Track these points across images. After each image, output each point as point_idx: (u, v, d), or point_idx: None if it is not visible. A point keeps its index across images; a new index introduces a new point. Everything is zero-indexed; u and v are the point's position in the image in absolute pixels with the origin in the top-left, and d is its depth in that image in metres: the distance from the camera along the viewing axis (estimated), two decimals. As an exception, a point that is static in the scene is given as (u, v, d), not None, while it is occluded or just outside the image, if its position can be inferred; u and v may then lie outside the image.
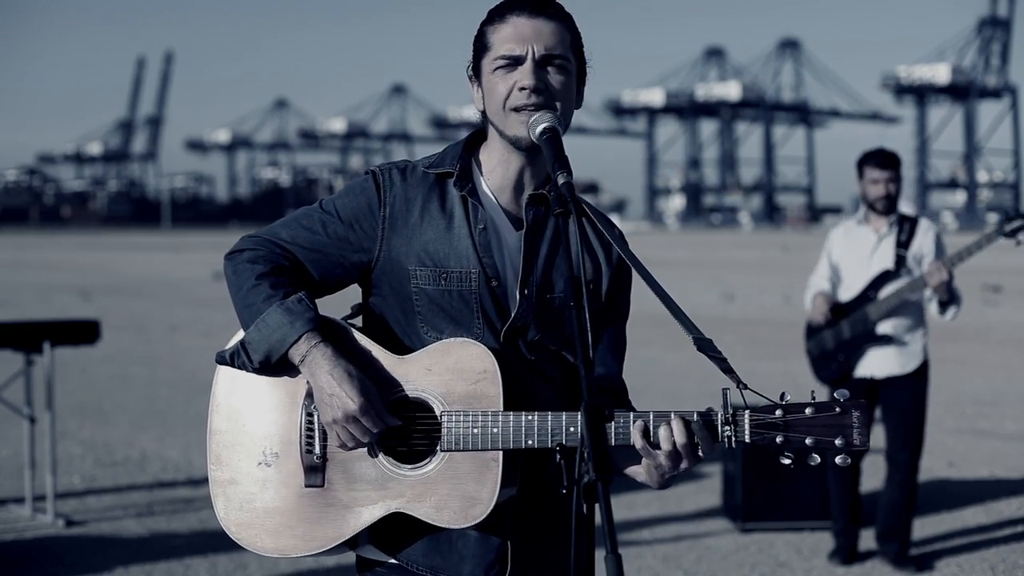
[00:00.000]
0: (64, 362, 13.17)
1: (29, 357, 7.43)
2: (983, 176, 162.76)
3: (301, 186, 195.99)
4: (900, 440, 6.57)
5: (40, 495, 7.66)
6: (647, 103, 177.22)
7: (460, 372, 2.45)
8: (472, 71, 2.58)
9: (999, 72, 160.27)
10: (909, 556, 6.62)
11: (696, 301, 24.22)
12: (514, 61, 2.50)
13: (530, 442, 2.40)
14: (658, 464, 2.39)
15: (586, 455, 2.11)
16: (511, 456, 2.45)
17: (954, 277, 6.28)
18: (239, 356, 2.50)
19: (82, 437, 10.13)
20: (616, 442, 2.38)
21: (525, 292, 2.53)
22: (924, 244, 6.63)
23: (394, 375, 2.48)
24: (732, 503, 7.34)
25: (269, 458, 2.52)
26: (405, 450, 2.48)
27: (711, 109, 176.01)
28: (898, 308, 6.50)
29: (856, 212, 6.91)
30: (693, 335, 2.40)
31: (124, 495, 8.08)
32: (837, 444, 2.35)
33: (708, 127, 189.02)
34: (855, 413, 2.36)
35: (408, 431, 2.47)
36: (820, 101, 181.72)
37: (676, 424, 2.36)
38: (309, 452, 2.50)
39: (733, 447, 2.39)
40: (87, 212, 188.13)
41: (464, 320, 2.52)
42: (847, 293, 6.71)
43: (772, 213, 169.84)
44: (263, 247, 2.56)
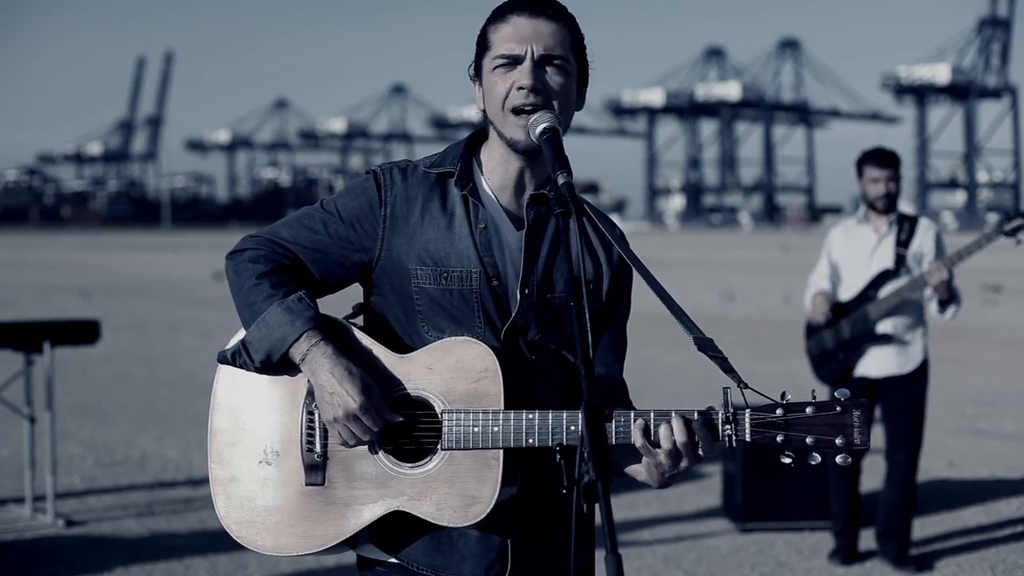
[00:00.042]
0: (64, 362, 13.17)
1: (29, 357, 7.43)
2: (983, 176, 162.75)
3: (301, 186, 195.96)
4: (900, 440, 6.57)
5: (40, 495, 7.66)
6: (647, 103, 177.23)
7: (461, 371, 2.45)
8: (474, 70, 2.59)
9: (999, 72, 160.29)
10: (909, 556, 6.62)
11: (696, 301, 24.22)
12: (513, 60, 2.50)
13: (531, 441, 2.40)
14: (658, 463, 2.39)
15: (586, 455, 2.11)
16: (512, 455, 2.45)
17: (954, 276, 6.29)
18: (240, 355, 2.50)
19: (82, 437, 10.13)
20: (616, 441, 2.38)
21: (526, 292, 2.54)
22: (924, 243, 6.63)
23: (395, 374, 2.48)
24: (732, 503, 7.34)
25: (270, 456, 2.52)
26: (406, 449, 2.48)
27: (711, 109, 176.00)
28: (898, 307, 6.50)
29: (856, 212, 6.91)
30: (694, 335, 2.40)
31: (124, 495, 8.08)
32: (838, 443, 2.35)
33: (708, 127, 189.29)
34: (856, 412, 2.36)
35: (409, 430, 2.48)
36: (820, 101, 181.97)
37: (677, 423, 2.36)
38: (310, 450, 2.50)
39: (734, 446, 2.39)
40: (87, 212, 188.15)
41: (465, 319, 2.52)
42: (847, 292, 6.71)
43: (772, 213, 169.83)
44: (264, 247, 2.56)
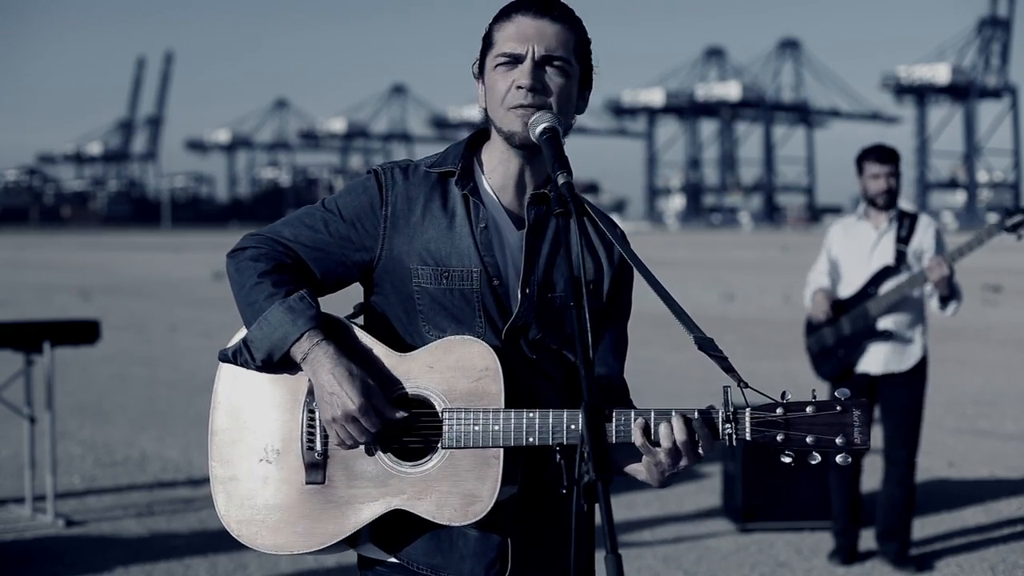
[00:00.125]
0: (64, 362, 13.17)
1: (29, 357, 7.43)
2: (983, 176, 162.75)
3: (301, 186, 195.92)
4: (899, 437, 6.57)
5: (40, 495, 7.66)
6: (647, 103, 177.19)
7: (462, 370, 2.45)
8: (478, 68, 2.59)
9: (999, 72, 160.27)
10: (909, 556, 6.62)
11: (696, 301, 24.22)
12: (514, 59, 2.50)
13: (531, 440, 2.40)
14: (658, 462, 2.39)
15: (586, 454, 2.11)
16: (512, 454, 2.45)
17: (955, 272, 6.29)
18: (242, 354, 2.50)
19: (82, 437, 10.13)
20: (617, 439, 2.38)
21: (526, 291, 2.54)
22: (924, 240, 6.63)
23: (396, 373, 2.48)
24: (732, 503, 7.34)
25: (270, 455, 2.52)
26: (406, 447, 2.48)
27: (711, 109, 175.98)
28: (898, 304, 6.50)
29: (856, 209, 6.91)
30: (694, 335, 2.40)
31: (124, 495, 8.08)
32: (838, 443, 2.35)
33: (708, 127, 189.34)
34: (856, 412, 2.36)
35: (409, 428, 2.48)
36: (820, 101, 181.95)
37: (677, 422, 2.36)
38: (310, 449, 2.50)
39: (734, 445, 2.39)
40: (87, 212, 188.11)
41: (466, 319, 2.52)
42: (847, 289, 6.71)
43: (772, 213, 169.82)
44: (266, 245, 2.56)
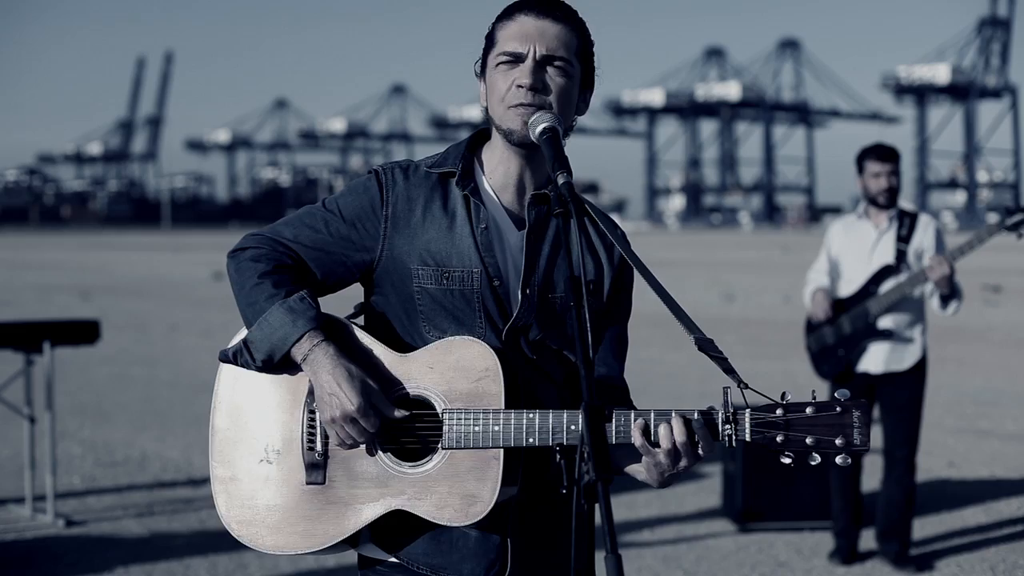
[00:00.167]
0: (64, 362, 13.17)
1: (29, 357, 7.43)
2: (983, 176, 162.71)
3: (301, 186, 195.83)
4: (898, 436, 6.57)
5: (40, 495, 7.66)
6: (647, 103, 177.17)
7: (462, 370, 2.45)
8: (480, 67, 2.59)
9: (999, 72, 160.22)
10: (909, 556, 6.62)
11: (696, 301, 24.22)
12: (515, 58, 2.51)
13: (531, 440, 2.40)
14: (658, 462, 2.39)
15: (586, 455, 2.11)
16: (512, 455, 2.45)
17: (955, 271, 6.29)
18: (242, 354, 2.50)
19: (82, 437, 10.13)
20: (616, 440, 2.38)
21: (527, 292, 2.54)
22: (924, 239, 6.63)
23: (396, 373, 2.48)
24: (732, 503, 7.34)
25: (271, 455, 2.52)
26: (406, 448, 2.48)
27: (711, 109, 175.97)
28: (898, 303, 6.50)
29: (856, 208, 6.91)
30: (695, 335, 2.40)
31: (124, 495, 8.08)
32: (838, 444, 2.35)
33: (708, 127, 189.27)
34: (856, 413, 2.36)
35: (409, 429, 2.48)
36: (820, 101, 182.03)
37: (676, 422, 2.36)
38: (311, 449, 2.50)
39: (733, 446, 2.39)
40: (87, 212, 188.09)
41: (466, 319, 2.52)
42: (847, 288, 6.71)
43: (772, 213, 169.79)
44: (266, 245, 2.56)
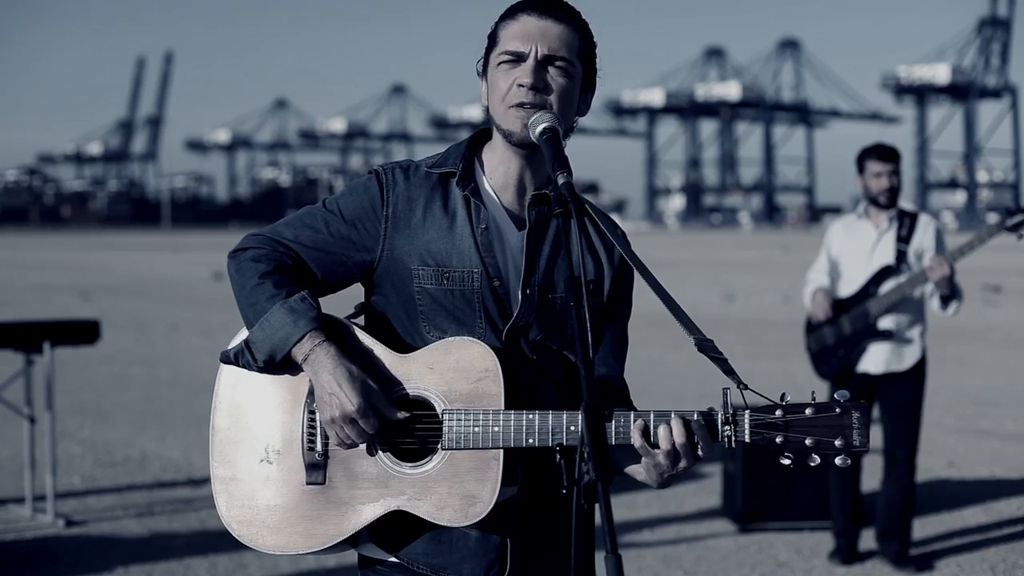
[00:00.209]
0: (64, 362, 13.17)
1: (29, 357, 7.43)
2: (983, 176, 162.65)
3: (301, 186, 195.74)
4: (898, 436, 6.57)
5: (40, 495, 7.66)
6: (647, 103, 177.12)
7: (462, 371, 2.45)
8: (482, 66, 2.60)
9: (999, 72, 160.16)
10: (909, 556, 6.62)
11: (696, 301, 24.22)
12: (517, 58, 2.51)
13: (531, 441, 2.40)
14: (657, 463, 2.39)
15: (586, 455, 2.11)
16: (512, 455, 2.45)
17: (956, 272, 6.29)
18: (243, 355, 2.50)
19: (82, 437, 10.13)
20: (616, 441, 2.39)
21: (527, 292, 2.54)
22: (924, 239, 6.63)
23: (396, 374, 2.49)
24: (732, 503, 7.34)
25: (271, 455, 2.53)
26: (406, 448, 2.48)
27: (711, 109, 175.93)
28: (898, 304, 6.50)
29: (856, 209, 6.91)
30: (695, 336, 2.40)
31: (124, 495, 8.08)
32: (837, 445, 2.35)
33: (708, 127, 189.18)
34: (855, 414, 2.36)
35: (409, 429, 2.48)
36: (820, 101, 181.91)
37: (676, 424, 2.36)
38: (311, 450, 2.50)
39: (733, 447, 2.39)
40: (87, 212, 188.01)
41: (466, 319, 2.52)
42: (847, 288, 6.71)
43: (772, 213, 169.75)
44: (267, 245, 2.56)
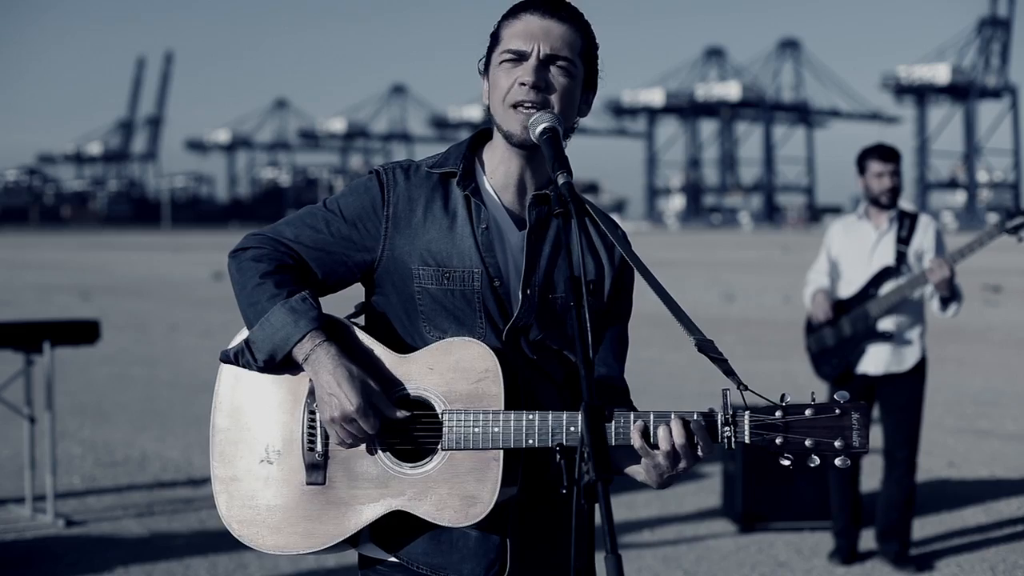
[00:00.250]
0: (64, 362, 13.17)
1: (29, 357, 7.43)
2: (983, 176, 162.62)
3: (301, 186, 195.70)
4: (899, 437, 6.58)
5: (40, 495, 7.66)
6: (647, 103, 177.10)
7: (462, 371, 2.46)
8: (483, 65, 2.60)
9: (999, 72, 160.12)
10: (909, 556, 6.62)
11: (696, 301, 24.22)
12: (519, 56, 2.51)
13: (531, 441, 2.40)
14: (657, 464, 2.39)
15: (586, 455, 2.11)
16: (512, 455, 2.45)
17: (956, 274, 6.29)
18: (244, 355, 2.50)
19: (82, 437, 10.13)
20: (616, 442, 2.39)
21: (527, 292, 2.54)
22: (924, 240, 6.63)
23: (396, 374, 2.49)
24: (732, 503, 7.34)
25: (271, 455, 2.53)
26: (406, 449, 2.48)
27: (711, 109, 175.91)
28: (898, 305, 6.51)
29: (856, 209, 6.91)
30: (695, 336, 2.40)
31: (124, 495, 8.08)
32: (836, 446, 2.35)
33: (708, 127, 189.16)
34: (855, 415, 2.36)
35: (409, 430, 2.48)
36: (820, 101, 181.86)
37: (675, 425, 2.37)
38: (311, 450, 2.51)
39: (733, 448, 2.39)
40: (87, 212, 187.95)
41: (467, 319, 2.53)
42: (847, 289, 6.71)
43: (772, 213, 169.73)
44: (267, 245, 2.57)
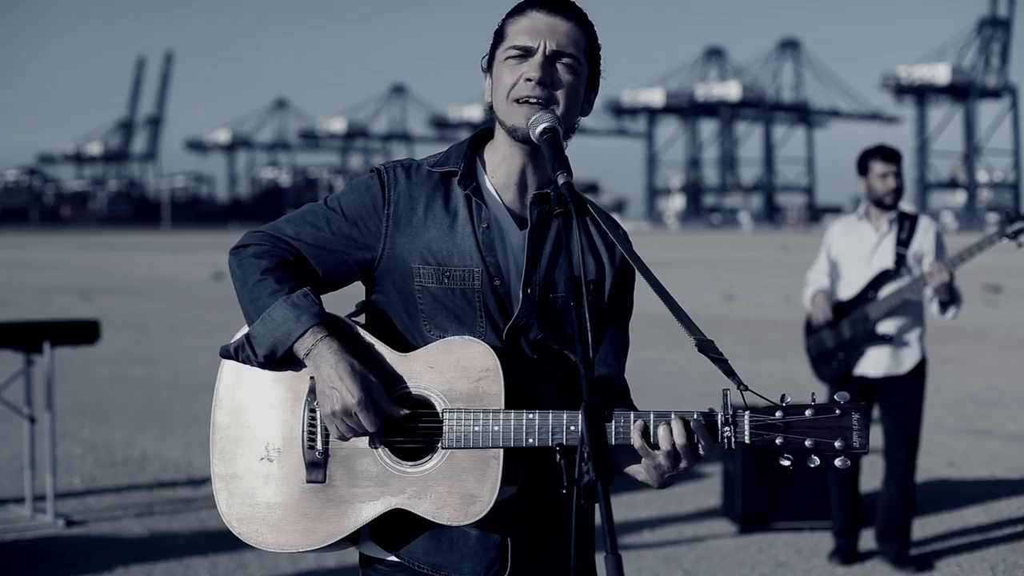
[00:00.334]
0: (64, 362, 13.17)
1: (29, 357, 7.43)
2: (983, 176, 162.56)
3: (301, 186, 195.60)
4: (899, 438, 6.58)
5: (40, 495, 7.66)
6: (647, 103, 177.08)
7: (462, 370, 2.46)
8: (487, 62, 2.60)
9: (999, 72, 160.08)
10: (909, 556, 6.62)
11: (696, 301, 24.22)
12: (525, 52, 2.52)
13: (531, 440, 2.40)
14: (657, 464, 2.39)
15: (586, 455, 2.11)
16: (512, 454, 2.45)
17: (955, 278, 6.30)
18: (244, 350, 2.51)
19: (82, 437, 10.13)
20: (616, 441, 2.39)
21: (528, 291, 2.54)
22: (924, 243, 6.63)
23: (397, 372, 2.49)
24: (732, 503, 7.34)
25: (271, 453, 2.53)
26: (406, 447, 2.49)
27: (711, 109, 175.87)
28: (898, 308, 6.51)
29: (857, 210, 6.92)
30: (695, 336, 2.40)
31: (124, 495, 8.08)
32: (836, 446, 2.35)
33: (708, 127, 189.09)
34: (855, 416, 2.36)
35: (410, 428, 2.48)
36: (820, 101, 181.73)
37: (676, 424, 2.36)
38: (311, 448, 2.51)
39: (733, 448, 2.39)
40: (87, 212, 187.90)
41: (467, 318, 2.53)
42: (846, 290, 6.71)
43: (772, 213, 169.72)
44: (268, 242, 2.57)
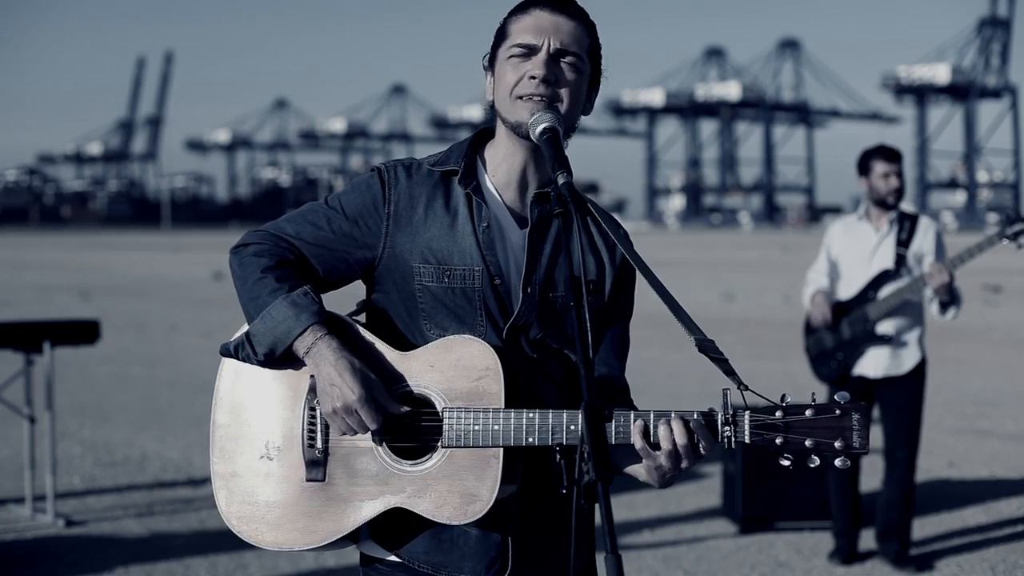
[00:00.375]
0: (64, 362, 13.18)
1: (29, 357, 7.43)
2: (983, 176, 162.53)
3: (301, 186, 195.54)
4: (899, 438, 6.58)
5: (40, 495, 7.66)
6: (647, 103, 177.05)
7: (462, 369, 2.46)
8: (488, 61, 2.61)
9: (999, 72, 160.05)
10: (909, 556, 6.62)
11: (696, 301, 24.22)
12: (529, 50, 2.52)
13: (531, 440, 2.41)
14: (658, 464, 2.39)
15: (586, 454, 2.11)
16: (512, 453, 2.45)
17: (955, 278, 6.30)
18: (244, 348, 2.51)
19: (82, 437, 10.13)
20: (616, 441, 2.39)
21: (528, 290, 2.54)
22: (924, 243, 6.63)
23: (397, 371, 2.49)
24: (732, 503, 7.34)
25: (271, 452, 2.53)
26: (406, 446, 2.49)
27: (711, 109, 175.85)
28: (898, 308, 6.51)
29: (857, 210, 6.92)
30: (695, 336, 2.40)
31: (124, 495, 8.08)
32: (836, 446, 2.35)
33: (708, 127, 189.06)
34: (855, 416, 2.36)
35: (410, 427, 2.48)
36: (820, 101, 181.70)
37: (676, 424, 2.36)
38: (311, 446, 2.51)
39: (733, 447, 2.39)
40: (87, 212, 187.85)
41: (467, 317, 2.53)
42: (846, 290, 6.71)
43: (772, 213, 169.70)
44: (268, 241, 2.57)
